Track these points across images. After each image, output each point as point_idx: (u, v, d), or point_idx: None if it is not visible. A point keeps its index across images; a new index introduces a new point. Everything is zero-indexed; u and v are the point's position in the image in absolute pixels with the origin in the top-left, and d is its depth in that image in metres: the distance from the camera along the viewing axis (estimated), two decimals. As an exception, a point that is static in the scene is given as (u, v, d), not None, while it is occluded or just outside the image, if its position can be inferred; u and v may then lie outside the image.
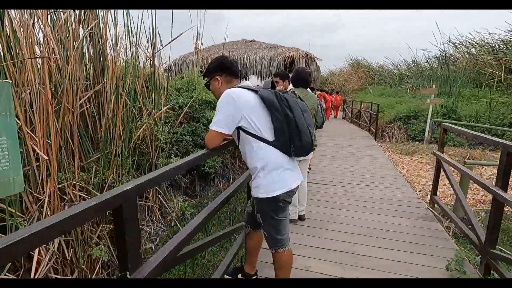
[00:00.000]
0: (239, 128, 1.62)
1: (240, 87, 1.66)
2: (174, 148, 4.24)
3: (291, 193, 1.68)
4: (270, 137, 1.61)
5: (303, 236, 2.89)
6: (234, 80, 1.74)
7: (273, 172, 1.62)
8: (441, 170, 3.54)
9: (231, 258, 2.34)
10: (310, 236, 2.90)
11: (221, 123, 1.58)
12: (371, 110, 10.68)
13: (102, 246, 2.47)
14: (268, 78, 10.61)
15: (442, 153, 3.50)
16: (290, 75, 3.17)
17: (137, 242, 1.08)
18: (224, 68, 1.71)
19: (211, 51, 10.90)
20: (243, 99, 1.58)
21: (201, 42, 5.73)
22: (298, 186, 1.73)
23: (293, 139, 1.61)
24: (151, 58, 3.50)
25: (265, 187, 1.63)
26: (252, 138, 1.61)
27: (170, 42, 3.25)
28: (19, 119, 2.00)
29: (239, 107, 1.56)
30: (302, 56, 10.40)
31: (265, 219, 1.73)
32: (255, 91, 1.63)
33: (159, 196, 3.84)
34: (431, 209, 3.59)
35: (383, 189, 4.31)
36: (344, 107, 17.21)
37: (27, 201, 2.09)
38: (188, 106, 4.41)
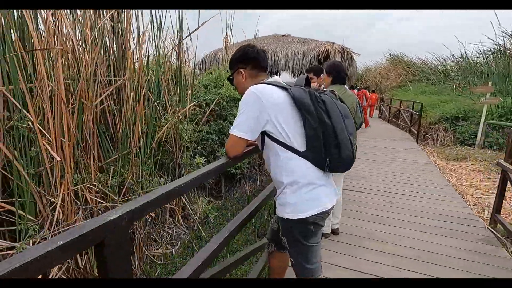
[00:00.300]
0: (264, 133, 1.33)
1: (268, 83, 1.36)
2: (199, 147, 4.06)
3: (324, 214, 1.35)
4: (300, 146, 1.30)
5: (335, 255, 2.54)
6: (261, 74, 1.44)
7: (302, 189, 1.30)
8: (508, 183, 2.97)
9: (256, 277, 2.07)
10: (344, 255, 2.54)
11: (243, 127, 1.30)
12: (412, 109, 9.81)
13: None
14: (300, 74, 10.15)
15: (511, 164, 2.92)
16: (324, 66, 2.81)
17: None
18: (248, 59, 1.42)
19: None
20: (270, 98, 1.28)
21: (231, 36, 5.50)
22: (333, 207, 1.40)
23: (329, 150, 1.28)
24: (177, 51, 3.30)
25: (293, 206, 1.32)
26: (279, 146, 1.31)
27: (194, 31, 3.02)
28: (31, 116, 1.87)
29: (264, 108, 1.26)
30: (338, 50, 9.78)
31: (292, 244, 1.42)
32: (286, 89, 1.32)
33: (182, 197, 3.67)
34: (492, 230, 3.03)
35: (430, 201, 3.77)
36: (381, 105, 16.16)
37: (39, 204, 1.97)
38: (214, 103, 4.19)
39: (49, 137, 1.95)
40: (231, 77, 1.50)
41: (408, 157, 6.27)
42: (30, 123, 1.91)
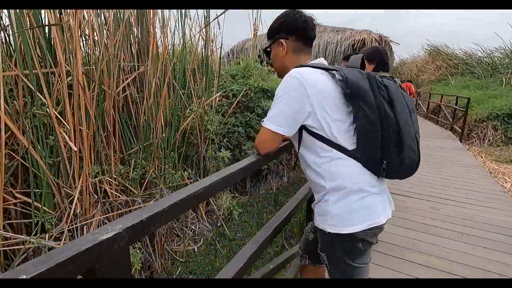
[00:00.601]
0: (302, 128, 1.07)
1: (312, 65, 1.09)
2: (225, 140, 3.87)
3: (376, 230, 1.07)
4: (349, 144, 1.02)
5: (373, 267, 2.23)
6: (305, 50, 1.17)
7: (351, 197, 1.03)
8: None
9: None
10: (383, 268, 2.23)
11: (279, 119, 1.05)
12: (456, 105, 8.96)
13: (137, 250, 2.19)
14: (334, 65, 9.60)
15: None
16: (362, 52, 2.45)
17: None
18: (294, 28, 1.14)
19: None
20: (315, 83, 1.01)
21: (261, 25, 5.22)
22: (387, 221, 1.11)
23: (387, 150, 1.00)
24: (204, 38, 3.09)
25: (337, 218, 1.05)
26: (321, 143, 1.04)
27: (221, 14, 2.78)
28: (47, 102, 1.75)
29: (307, 97, 1.00)
30: (375, 39, 9.10)
31: (333, 262, 1.16)
32: (333, 74, 1.05)
33: (206, 192, 3.52)
34: None
35: (483, 209, 3.31)
36: (417, 99, 15.07)
37: (57, 196, 1.87)
38: (242, 94, 3.96)
39: (67, 126, 1.83)
40: (268, 49, 1.23)
41: (452, 157, 5.68)
42: (48, 110, 1.80)
